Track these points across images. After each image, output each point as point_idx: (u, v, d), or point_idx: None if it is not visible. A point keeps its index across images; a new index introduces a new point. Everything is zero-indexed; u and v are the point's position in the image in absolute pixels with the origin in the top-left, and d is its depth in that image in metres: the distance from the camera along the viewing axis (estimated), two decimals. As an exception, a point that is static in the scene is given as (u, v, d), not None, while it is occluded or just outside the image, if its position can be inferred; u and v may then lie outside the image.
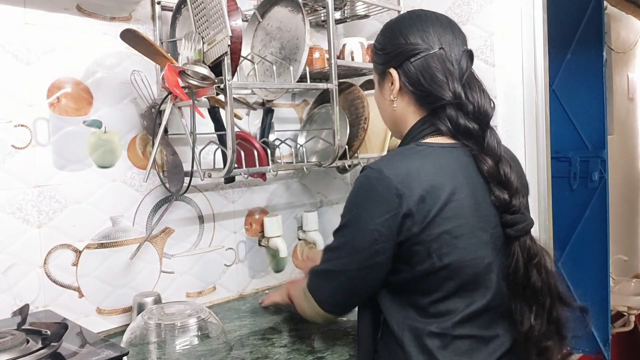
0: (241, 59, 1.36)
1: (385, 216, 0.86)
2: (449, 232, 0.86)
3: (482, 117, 0.93)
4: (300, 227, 1.83)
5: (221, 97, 1.29)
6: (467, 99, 0.93)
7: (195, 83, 1.23)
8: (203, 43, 1.25)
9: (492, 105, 0.95)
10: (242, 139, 1.46)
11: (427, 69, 0.94)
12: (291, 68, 1.42)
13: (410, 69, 0.95)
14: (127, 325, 1.31)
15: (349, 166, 1.71)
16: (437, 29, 0.96)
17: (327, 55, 1.52)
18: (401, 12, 1.73)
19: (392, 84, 0.99)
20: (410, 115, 0.99)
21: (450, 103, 0.93)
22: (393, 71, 0.98)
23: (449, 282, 0.88)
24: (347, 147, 1.60)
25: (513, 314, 0.91)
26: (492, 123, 0.96)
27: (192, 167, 1.30)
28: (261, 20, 1.53)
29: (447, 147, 0.94)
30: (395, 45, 0.97)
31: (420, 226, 0.86)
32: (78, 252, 1.32)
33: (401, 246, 0.88)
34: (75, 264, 1.32)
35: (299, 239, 1.84)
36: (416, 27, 0.97)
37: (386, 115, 1.06)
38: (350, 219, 0.91)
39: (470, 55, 0.98)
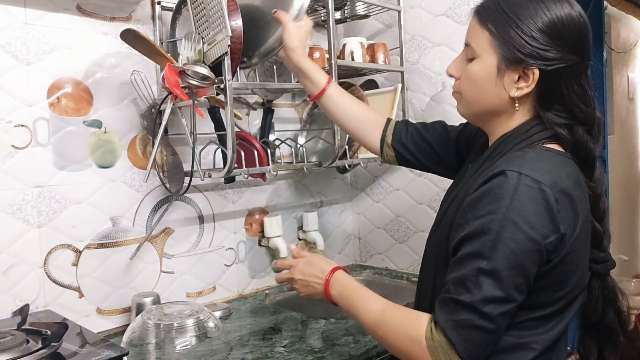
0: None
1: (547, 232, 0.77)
2: (576, 252, 0.80)
3: (599, 140, 0.87)
4: (300, 227, 1.83)
5: (221, 97, 1.29)
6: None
7: (195, 83, 1.23)
8: (203, 43, 1.25)
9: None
10: (242, 139, 1.46)
11: (577, 82, 0.84)
12: (291, 68, 1.42)
13: (561, 78, 0.84)
14: (127, 325, 1.31)
15: (349, 166, 1.71)
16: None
17: (327, 55, 1.52)
18: (401, 12, 1.74)
19: (525, 81, 0.85)
20: (519, 114, 0.88)
21: (581, 124, 0.85)
22: (537, 72, 0.83)
23: (557, 303, 0.82)
24: (347, 147, 1.60)
25: (579, 349, 0.90)
26: None
27: (192, 167, 1.29)
28: (261, 20, 1.53)
29: (568, 157, 0.85)
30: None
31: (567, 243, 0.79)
32: (78, 252, 1.32)
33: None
34: (75, 264, 1.32)
35: (299, 239, 1.83)
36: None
37: (486, 101, 0.89)
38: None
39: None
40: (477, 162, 0.92)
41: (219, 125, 1.48)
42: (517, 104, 0.86)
